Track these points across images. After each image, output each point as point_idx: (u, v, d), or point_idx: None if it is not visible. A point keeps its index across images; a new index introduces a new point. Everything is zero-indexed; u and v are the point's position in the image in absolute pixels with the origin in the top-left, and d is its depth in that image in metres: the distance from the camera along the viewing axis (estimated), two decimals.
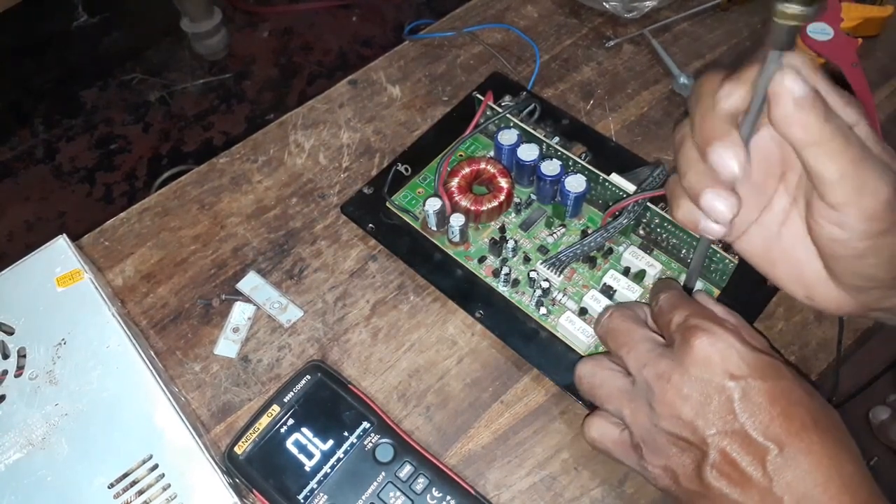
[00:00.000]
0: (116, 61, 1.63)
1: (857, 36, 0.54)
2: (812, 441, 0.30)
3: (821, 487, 0.29)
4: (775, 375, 0.32)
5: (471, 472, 0.40)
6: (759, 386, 0.31)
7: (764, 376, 0.31)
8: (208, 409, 0.43)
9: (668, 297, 0.36)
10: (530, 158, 0.46)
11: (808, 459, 0.30)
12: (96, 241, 0.51)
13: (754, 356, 0.32)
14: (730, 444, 0.30)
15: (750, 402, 0.31)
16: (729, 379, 0.31)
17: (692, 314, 0.34)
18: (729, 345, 0.32)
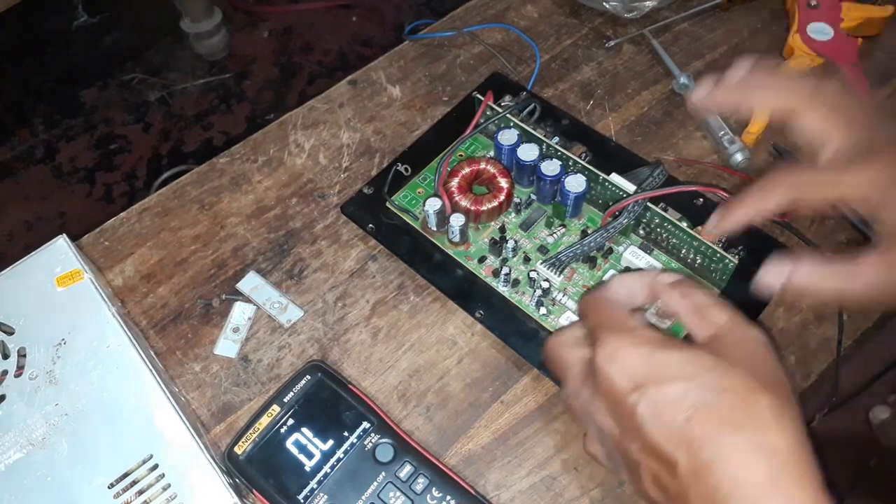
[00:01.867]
0: (116, 61, 1.63)
1: (858, 36, 0.54)
2: (725, 443, 0.28)
3: (742, 489, 0.27)
4: (679, 375, 0.29)
5: (471, 472, 0.40)
6: (657, 393, 0.29)
7: (663, 379, 0.29)
8: (208, 409, 0.43)
9: (583, 303, 0.35)
10: (530, 158, 0.46)
11: (722, 464, 0.27)
12: (96, 241, 0.51)
13: (656, 358, 0.30)
14: (646, 458, 0.29)
15: (652, 412, 0.29)
16: (631, 391, 0.30)
17: (595, 325, 0.33)
18: (626, 354, 0.30)
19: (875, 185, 0.33)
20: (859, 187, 0.33)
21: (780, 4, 0.60)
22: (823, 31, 0.54)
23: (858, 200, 0.34)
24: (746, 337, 0.31)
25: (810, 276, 0.34)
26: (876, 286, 0.33)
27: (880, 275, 0.33)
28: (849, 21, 0.55)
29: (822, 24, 0.55)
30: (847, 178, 0.34)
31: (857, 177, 0.33)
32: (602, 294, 0.35)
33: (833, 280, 0.34)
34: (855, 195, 0.34)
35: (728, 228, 0.37)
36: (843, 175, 0.34)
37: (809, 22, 0.55)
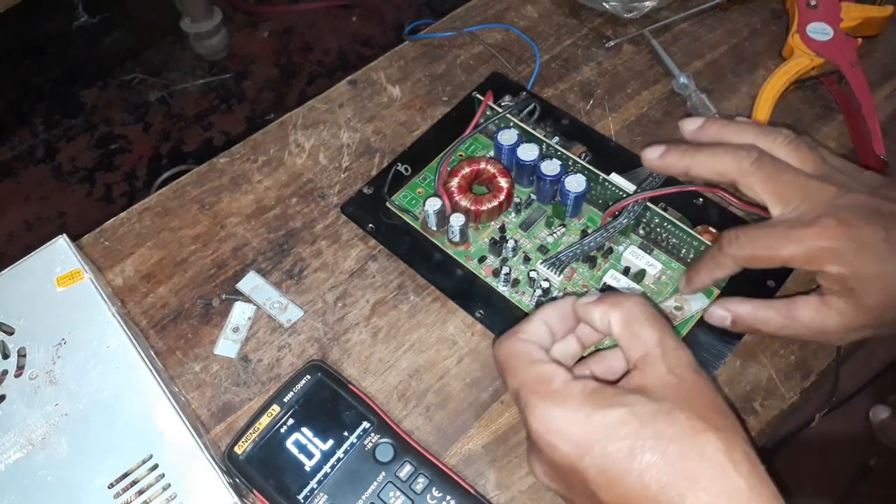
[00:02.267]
0: (116, 61, 1.63)
1: (857, 36, 0.54)
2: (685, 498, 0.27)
3: None
4: (621, 434, 0.29)
5: (471, 472, 0.40)
6: (604, 457, 0.29)
7: (606, 440, 0.29)
8: (208, 409, 0.43)
9: (498, 355, 0.34)
10: (530, 158, 0.46)
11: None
12: (96, 241, 0.51)
13: (594, 420, 0.30)
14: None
15: (603, 477, 0.29)
16: (577, 458, 0.30)
17: (519, 386, 0.32)
18: (562, 421, 0.30)
19: (819, 246, 0.35)
20: (806, 247, 0.35)
21: (780, 4, 0.60)
22: (823, 31, 0.54)
23: (805, 260, 0.35)
24: (677, 363, 0.31)
25: (753, 318, 0.39)
26: (812, 326, 0.37)
27: (815, 317, 0.37)
28: (848, 21, 0.55)
29: (822, 23, 0.55)
30: (794, 236, 0.35)
31: (802, 239, 0.35)
32: (515, 343, 0.34)
33: (774, 314, 0.38)
34: (801, 254, 0.35)
35: (696, 290, 0.42)
36: (790, 233, 0.35)
37: (809, 22, 0.55)
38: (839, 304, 0.36)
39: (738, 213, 0.46)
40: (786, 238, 0.35)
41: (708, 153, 0.38)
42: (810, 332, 0.37)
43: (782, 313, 0.38)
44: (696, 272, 0.41)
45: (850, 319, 0.36)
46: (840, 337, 0.38)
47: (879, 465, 1.00)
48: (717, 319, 0.40)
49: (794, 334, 0.38)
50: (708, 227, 0.45)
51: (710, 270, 0.39)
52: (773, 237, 0.36)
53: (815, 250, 0.35)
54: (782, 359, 0.43)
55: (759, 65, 0.57)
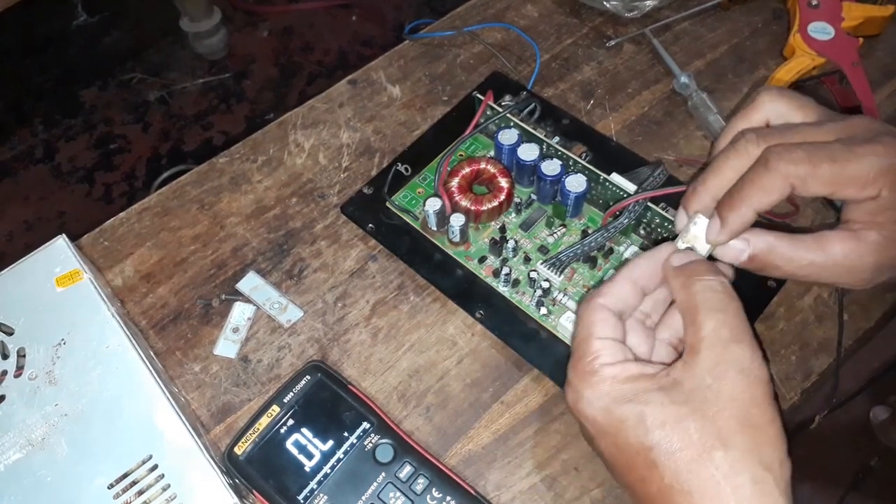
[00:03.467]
0: (116, 61, 1.63)
1: (858, 35, 0.54)
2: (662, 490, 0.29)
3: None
4: (635, 434, 0.30)
5: (471, 473, 0.40)
6: (615, 444, 0.31)
7: (619, 432, 0.31)
8: (208, 409, 0.43)
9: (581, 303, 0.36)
10: (530, 158, 0.46)
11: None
12: (96, 241, 0.50)
13: (613, 415, 0.31)
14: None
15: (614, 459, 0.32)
16: (594, 436, 0.33)
17: (575, 346, 0.34)
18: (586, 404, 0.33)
19: (883, 165, 0.32)
20: (869, 165, 0.32)
21: (781, 4, 0.60)
22: (824, 31, 0.54)
23: (867, 181, 0.32)
24: (722, 360, 0.31)
25: (775, 252, 0.34)
26: (844, 263, 0.34)
27: (850, 252, 0.33)
28: (850, 20, 0.55)
29: (823, 23, 0.55)
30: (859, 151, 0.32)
31: (867, 154, 0.32)
32: (588, 309, 0.34)
33: (802, 250, 0.34)
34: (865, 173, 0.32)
35: (733, 235, 0.35)
36: (854, 149, 0.32)
37: (810, 21, 0.55)
38: (876, 238, 0.33)
39: None
40: (849, 153, 0.32)
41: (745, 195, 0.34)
42: (839, 271, 0.34)
43: (811, 248, 0.34)
44: (732, 203, 0.34)
45: (885, 255, 0.33)
46: (870, 276, 0.34)
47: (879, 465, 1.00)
48: (734, 254, 0.35)
49: (817, 275, 0.34)
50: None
51: (753, 197, 0.34)
52: (836, 151, 0.32)
53: (879, 170, 0.32)
54: (782, 359, 0.43)
55: (760, 64, 0.57)
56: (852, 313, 0.45)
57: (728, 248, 0.35)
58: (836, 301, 0.44)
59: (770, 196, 0.33)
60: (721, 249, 0.36)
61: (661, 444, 0.30)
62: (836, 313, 0.44)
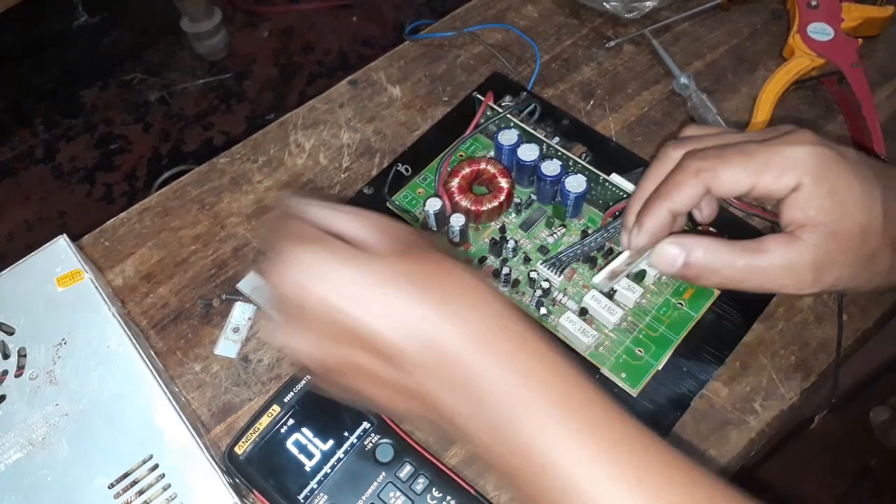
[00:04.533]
0: (116, 61, 1.63)
1: (858, 36, 0.54)
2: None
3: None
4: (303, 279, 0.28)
5: (471, 473, 0.40)
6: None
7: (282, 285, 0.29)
8: (208, 409, 0.43)
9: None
10: (530, 158, 0.46)
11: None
12: (96, 241, 0.50)
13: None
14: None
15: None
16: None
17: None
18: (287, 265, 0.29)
19: (797, 157, 0.33)
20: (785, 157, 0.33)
21: (781, 4, 0.60)
22: (824, 32, 0.54)
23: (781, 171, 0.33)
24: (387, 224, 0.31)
25: (716, 250, 0.34)
26: (782, 265, 0.33)
27: (787, 252, 0.33)
28: (849, 21, 0.55)
29: (823, 24, 0.55)
30: (766, 159, 0.33)
31: (779, 147, 0.33)
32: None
33: (740, 254, 0.34)
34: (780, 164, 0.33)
35: (650, 236, 0.36)
36: (768, 143, 0.33)
37: (810, 22, 0.55)
38: (811, 236, 0.33)
39: (739, 213, 0.46)
40: (761, 145, 0.33)
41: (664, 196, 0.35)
42: (779, 274, 0.34)
43: (749, 251, 0.34)
44: (648, 205, 0.35)
45: (823, 253, 0.33)
46: (811, 277, 0.33)
47: (879, 465, 1.00)
48: (668, 259, 0.35)
49: (759, 279, 0.34)
50: (708, 227, 0.45)
51: (667, 196, 0.35)
52: (748, 145, 0.33)
53: (793, 158, 0.33)
54: (782, 359, 0.43)
55: (759, 65, 0.57)
56: (852, 313, 0.45)
57: (662, 253, 0.35)
58: (835, 301, 0.44)
59: (683, 194, 0.34)
60: (656, 256, 0.35)
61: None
62: (835, 313, 0.44)
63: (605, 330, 0.43)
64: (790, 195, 0.33)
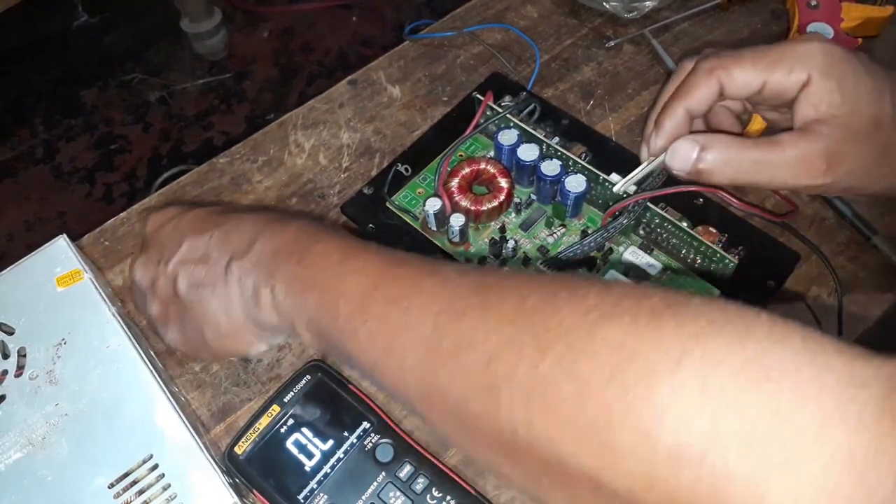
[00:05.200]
0: (116, 61, 1.63)
1: (857, 36, 0.54)
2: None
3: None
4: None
5: (471, 472, 0.40)
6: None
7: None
8: (208, 409, 0.43)
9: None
10: (530, 158, 0.46)
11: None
12: (96, 241, 0.50)
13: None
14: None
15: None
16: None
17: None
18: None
19: (808, 51, 0.34)
20: (796, 52, 0.34)
21: (780, 4, 0.60)
22: (824, 31, 0.54)
23: (792, 65, 0.34)
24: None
25: (728, 145, 0.35)
26: (797, 156, 0.34)
27: (800, 146, 0.34)
28: (849, 21, 0.55)
29: (823, 24, 0.55)
30: (777, 56, 0.34)
31: (790, 45, 0.34)
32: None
33: (755, 148, 0.35)
34: (790, 58, 0.34)
35: (667, 137, 0.37)
36: (776, 45, 0.35)
37: (809, 22, 0.55)
38: (823, 128, 0.34)
39: (739, 213, 0.46)
40: (770, 46, 0.35)
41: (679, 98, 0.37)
42: (794, 168, 0.34)
43: (763, 146, 0.34)
44: (665, 107, 0.37)
45: (836, 142, 0.33)
46: (824, 167, 0.34)
47: None
48: (683, 154, 0.36)
49: (772, 175, 0.35)
50: (708, 227, 0.45)
51: (682, 96, 0.36)
52: (758, 47, 0.35)
53: (800, 52, 0.34)
54: None
55: None
56: (852, 313, 0.45)
57: (677, 150, 0.36)
58: (835, 301, 0.44)
59: (698, 91, 0.36)
60: (671, 154, 0.36)
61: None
62: (835, 313, 0.44)
63: None
64: (801, 93, 0.34)
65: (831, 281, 0.45)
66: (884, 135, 0.34)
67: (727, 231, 0.45)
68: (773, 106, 0.38)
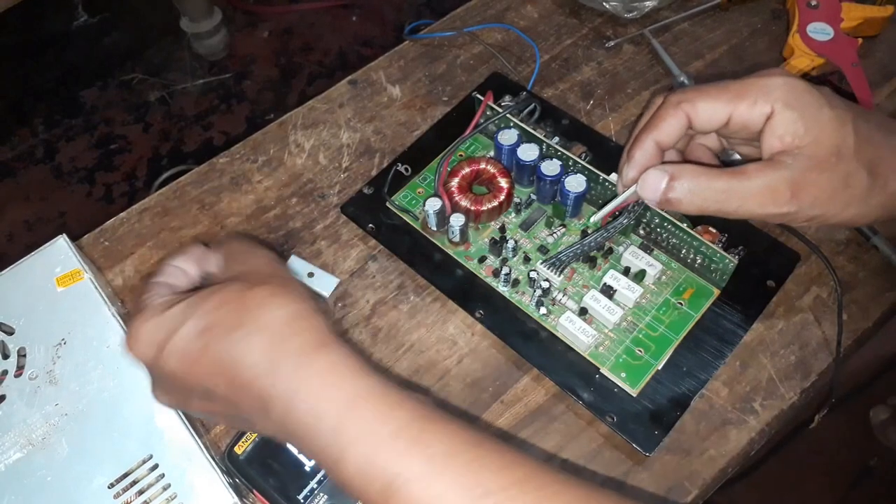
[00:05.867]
0: (116, 61, 1.63)
1: (857, 36, 0.54)
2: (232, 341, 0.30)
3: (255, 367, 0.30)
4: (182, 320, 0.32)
5: None
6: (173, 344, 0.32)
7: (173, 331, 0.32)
8: None
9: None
10: (530, 158, 0.46)
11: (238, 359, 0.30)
12: (96, 241, 0.51)
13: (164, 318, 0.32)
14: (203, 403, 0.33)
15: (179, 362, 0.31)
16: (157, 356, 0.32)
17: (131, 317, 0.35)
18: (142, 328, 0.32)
19: (771, 85, 0.35)
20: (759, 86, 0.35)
21: (780, 4, 0.60)
22: (823, 31, 0.54)
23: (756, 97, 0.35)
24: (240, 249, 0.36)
25: (696, 174, 0.36)
26: (764, 185, 0.35)
27: (766, 174, 0.35)
28: (849, 21, 0.55)
29: (823, 23, 0.55)
30: (740, 89, 0.36)
31: (754, 81, 0.36)
32: (148, 281, 0.36)
33: (723, 178, 0.36)
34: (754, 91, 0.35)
35: (638, 167, 0.38)
36: (735, 86, 0.36)
37: (809, 22, 0.55)
38: (788, 158, 0.35)
39: None
40: (737, 81, 0.36)
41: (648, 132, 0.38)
42: (761, 197, 0.35)
43: (728, 174, 0.36)
44: (635, 140, 0.39)
45: (799, 172, 0.34)
46: (789, 194, 0.35)
47: (879, 465, 1.00)
48: (652, 184, 0.37)
49: (738, 203, 0.35)
50: (708, 227, 0.45)
51: (651, 129, 0.38)
52: (724, 82, 0.36)
53: (764, 86, 0.35)
54: (782, 359, 0.43)
55: (759, 65, 0.57)
56: (852, 313, 0.45)
57: (647, 178, 0.37)
58: (835, 301, 0.44)
59: (665, 124, 0.37)
60: (641, 183, 0.37)
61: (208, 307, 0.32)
62: (835, 313, 0.44)
63: (605, 330, 0.43)
64: (766, 126, 0.35)
65: (831, 281, 0.45)
66: (846, 164, 0.35)
67: (727, 231, 0.45)
68: (744, 139, 0.39)
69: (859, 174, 0.35)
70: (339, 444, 0.29)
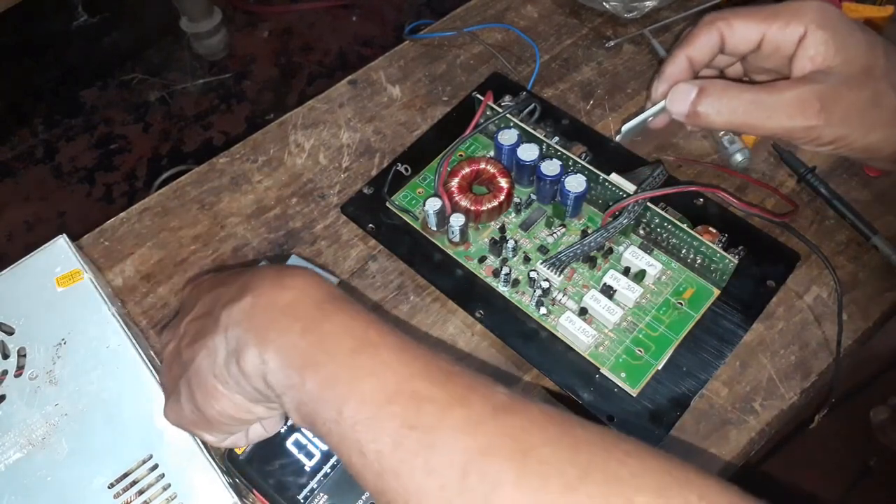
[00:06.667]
0: (116, 61, 1.63)
1: None
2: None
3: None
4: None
5: None
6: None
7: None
8: None
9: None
10: (530, 158, 0.46)
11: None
12: (96, 241, 0.51)
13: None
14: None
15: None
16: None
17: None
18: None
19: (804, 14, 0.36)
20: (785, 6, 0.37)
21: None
22: None
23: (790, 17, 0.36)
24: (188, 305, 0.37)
25: (725, 87, 0.37)
26: (793, 99, 0.36)
27: (796, 88, 0.36)
28: None
29: None
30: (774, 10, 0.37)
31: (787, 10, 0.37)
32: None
33: (747, 91, 0.36)
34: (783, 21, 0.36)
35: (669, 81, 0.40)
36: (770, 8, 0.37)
37: None
38: (818, 75, 0.36)
39: (739, 213, 0.46)
40: (768, 5, 0.37)
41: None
42: (787, 107, 0.36)
43: (757, 88, 0.36)
44: (669, 57, 0.41)
45: (830, 87, 0.35)
46: (818, 107, 0.36)
47: (879, 465, 1.00)
48: (681, 96, 0.38)
49: (765, 117, 0.36)
50: (708, 227, 0.45)
51: (684, 45, 0.39)
52: (756, 7, 0.38)
53: (799, 11, 0.36)
54: (782, 359, 0.43)
55: None
56: (852, 313, 0.45)
57: (676, 91, 0.38)
58: (835, 301, 0.44)
59: (698, 40, 0.39)
60: (671, 97, 0.38)
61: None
62: (835, 313, 0.44)
63: (605, 329, 0.43)
64: (798, 48, 0.36)
65: (831, 281, 0.45)
66: (876, 83, 0.36)
67: (727, 231, 0.45)
68: (773, 69, 0.39)
69: (889, 95, 0.36)
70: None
